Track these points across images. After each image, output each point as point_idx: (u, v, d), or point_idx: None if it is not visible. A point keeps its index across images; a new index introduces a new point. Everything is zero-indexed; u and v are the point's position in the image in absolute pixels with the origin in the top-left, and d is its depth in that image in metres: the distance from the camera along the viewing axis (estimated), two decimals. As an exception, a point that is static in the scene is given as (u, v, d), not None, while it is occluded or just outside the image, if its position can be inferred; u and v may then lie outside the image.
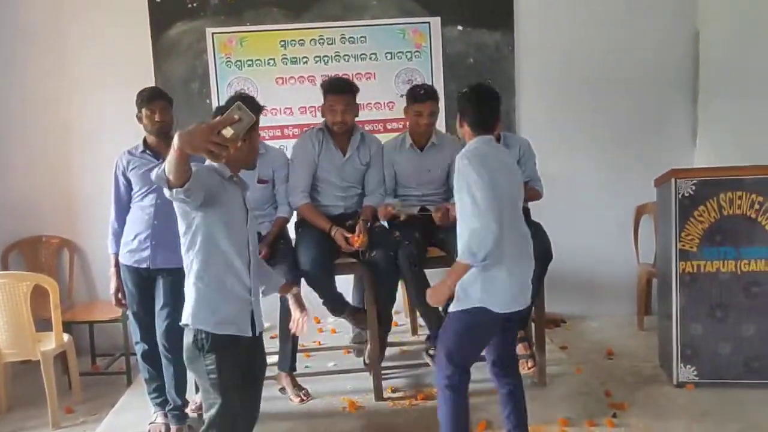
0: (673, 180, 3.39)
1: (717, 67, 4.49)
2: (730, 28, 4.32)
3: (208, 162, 2.22)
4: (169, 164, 1.93)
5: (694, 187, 3.38)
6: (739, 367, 3.42)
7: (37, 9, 4.42)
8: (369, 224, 3.35)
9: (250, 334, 2.30)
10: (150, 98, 3.08)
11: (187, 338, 2.25)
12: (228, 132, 1.84)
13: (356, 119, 3.52)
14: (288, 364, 3.39)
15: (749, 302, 3.38)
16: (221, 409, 2.23)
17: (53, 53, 4.46)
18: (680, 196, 3.39)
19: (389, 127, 4.58)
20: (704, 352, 3.45)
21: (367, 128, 3.98)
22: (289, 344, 3.35)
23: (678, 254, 3.42)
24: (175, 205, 2.16)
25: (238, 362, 2.28)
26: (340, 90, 3.36)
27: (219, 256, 2.22)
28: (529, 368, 3.51)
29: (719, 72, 4.47)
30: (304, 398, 3.37)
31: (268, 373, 3.27)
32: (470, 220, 2.40)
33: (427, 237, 3.40)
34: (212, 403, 2.25)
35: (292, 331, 2.52)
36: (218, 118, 1.89)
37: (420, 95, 3.39)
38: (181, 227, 2.23)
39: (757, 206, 3.32)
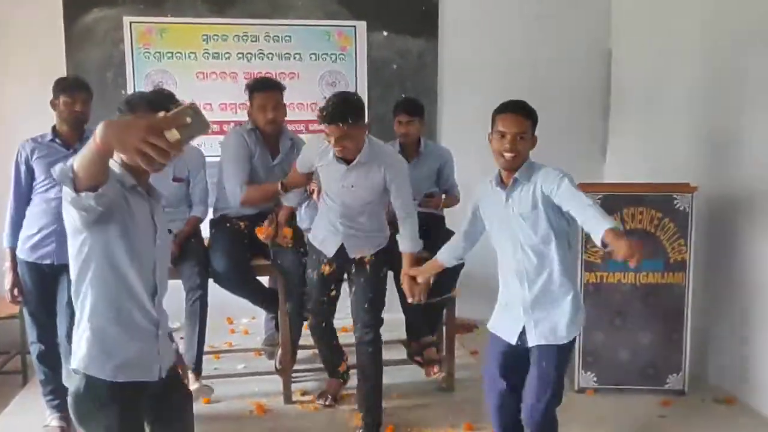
0: (581, 193, 3.52)
1: (627, 86, 4.71)
2: (640, 48, 4.54)
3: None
4: (83, 159, 1.51)
5: (599, 201, 3.52)
6: (636, 374, 3.59)
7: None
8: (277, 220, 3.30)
9: (156, 378, 1.86)
10: (73, 87, 3.01)
11: (76, 386, 1.78)
12: (173, 135, 1.44)
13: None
14: (192, 364, 3.28)
15: (646, 312, 3.56)
16: None
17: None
18: (587, 209, 3.52)
19: (311, 128, 4.55)
20: (604, 359, 3.61)
21: (289, 128, 3.94)
22: (195, 342, 3.27)
23: (583, 266, 3.56)
24: (68, 216, 1.68)
25: (142, 414, 1.88)
26: (269, 87, 3.30)
27: (118, 284, 1.77)
28: (434, 373, 3.55)
29: (629, 90, 4.68)
30: (207, 392, 3.29)
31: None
32: None
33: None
34: None
35: None
36: (163, 114, 1.49)
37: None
38: (71, 248, 1.76)
39: (656, 222, 3.50)
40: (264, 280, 3.64)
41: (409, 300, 2.80)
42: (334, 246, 3.06)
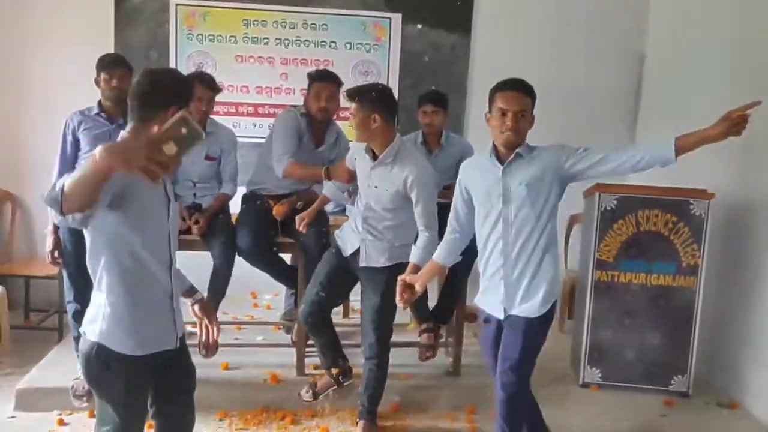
0: (597, 193, 3.60)
1: (657, 91, 4.74)
2: (675, 55, 4.55)
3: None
4: (78, 181, 1.52)
5: (616, 202, 3.60)
6: (641, 373, 3.66)
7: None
8: (301, 204, 3.48)
9: (173, 346, 1.99)
10: (110, 64, 3.19)
11: (88, 349, 1.88)
12: (171, 149, 1.49)
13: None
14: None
15: (655, 313, 3.62)
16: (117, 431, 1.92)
17: (14, 14, 4.45)
18: (603, 209, 3.61)
19: (342, 115, 4.68)
20: (610, 356, 3.68)
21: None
22: (215, 298, 3.44)
23: (595, 263, 3.64)
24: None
25: (148, 381, 1.97)
26: (327, 78, 3.47)
27: (133, 264, 1.84)
28: (426, 358, 3.62)
29: (659, 95, 4.71)
30: (208, 355, 3.28)
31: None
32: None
33: None
34: (107, 419, 1.92)
35: (203, 344, 2.25)
36: (157, 129, 1.51)
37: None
38: (86, 230, 1.82)
39: (670, 225, 3.56)
40: (287, 257, 3.80)
41: (397, 302, 2.66)
42: (351, 247, 3.06)
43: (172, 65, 4.57)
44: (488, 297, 2.55)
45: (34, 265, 4.32)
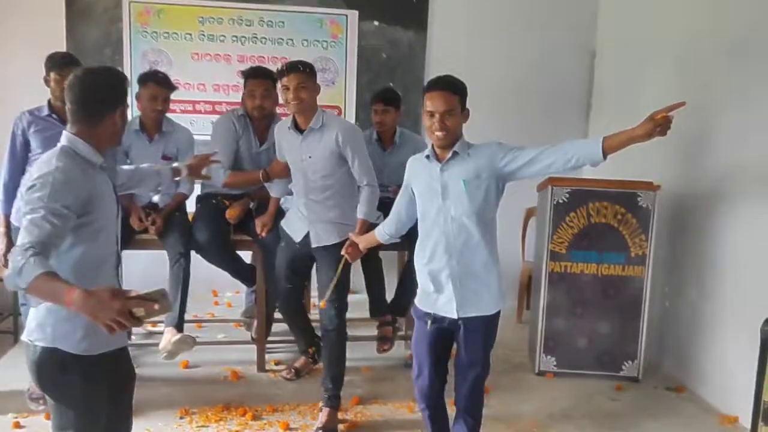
0: (550, 187, 3.71)
1: (608, 87, 4.88)
2: (622, 51, 4.69)
3: (67, 143, 1.84)
4: (45, 293, 1.62)
5: (567, 195, 3.71)
6: (593, 360, 3.79)
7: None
8: (253, 204, 3.53)
9: (125, 344, 2.06)
10: (62, 64, 3.11)
11: (39, 355, 1.85)
12: (139, 312, 1.61)
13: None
14: (174, 320, 3.43)
15: (606, 302, 3.74)
16: None
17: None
18: (555, 202, 3.71)
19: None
20: (564, 344, 3.80)
21: (278, 111, 4.11)
22: (178, 299, 3.42)
23: (549, 255, 3.75)
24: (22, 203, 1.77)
25: (106, 378, 1.93)
26: (260, 75, 3.49)
27: (88, 268, 1.84)
28: (384, 350, 3.73)
29: (609, 91, 4.85)
30: (188, 344, 3.36)
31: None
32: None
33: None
34: (66, 424, 1.90)
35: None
36: (134, 293, 1.61)
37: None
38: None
39: (619, 216, 3.68)
40: (247, 256, 3.82)
41: (343, 254, 2.82)
42: (301, 233, 3.19)
43: (126, 63, 4.54)
44: (433, 297, 2.52)
45: (-12, 267, 4.23)
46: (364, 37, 4.80)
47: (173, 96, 3.54)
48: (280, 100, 3.22)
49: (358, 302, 3.58)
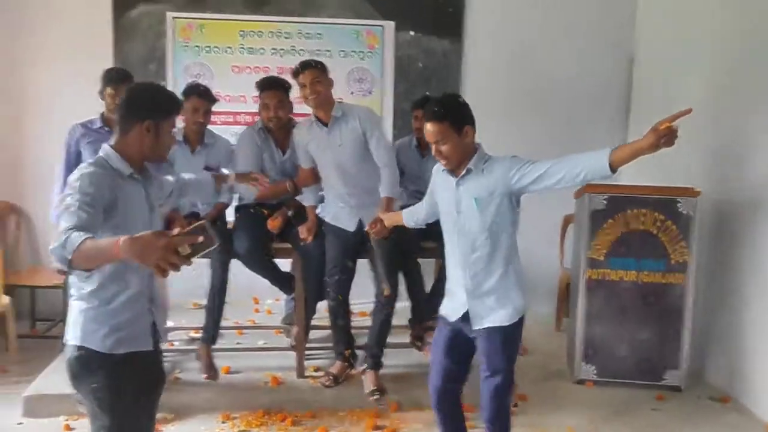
0: (586, 194, 3.69)
1: (647, 92, 4.82)
2: (662, 54, 4.63)
3: (102, 153, 1.98)
4: (91, 253, 1.63)
5: (605, 202, 3.68)
6: (632, 369, 3.74)
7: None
8: (291, 212, 3.60)
9: (150, 348, 2.07)
10: (118, 79, 3.26)
11: (69, 353, 1.97)
12: (184, 250, 1.60)
13: (309, 112, 3.67)
14: (208, 336, 3.58)
15: (646, 310, 3.70)
16: None
17: (14, 27, 4.56)
18: (592, 209, 3.69)
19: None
20: (603, 352, 3.77)
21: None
22: (212, 317, 3.55)
23: (587, 262, 3.73)
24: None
25: (132, 378, 2.01)
26: (272, 86, 3.55)
27: (115, 273, 1.93)
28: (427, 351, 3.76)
29: (648, 96, 4.79)
30: (210, 377, 3.50)
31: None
32: None
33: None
34: (100, 426, 1.98)
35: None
36: (178, 231, 1.64)
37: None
38: None
39: (658, 223, 3.64)
40: (287, 264, 3.89)
41: (368, 230, 2.98)
42: (353, 222, 3.41)
43: (169, 77, 4.68)
44: (451, 304, 2.58)
45: (39, 275, 4.41)
46: (400, 47, 4.86)
47: (214, 108, 3.64)
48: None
49: (396, 310, 3.61)
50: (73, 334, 1.96)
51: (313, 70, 3.24)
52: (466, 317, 2.51)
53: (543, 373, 3.99)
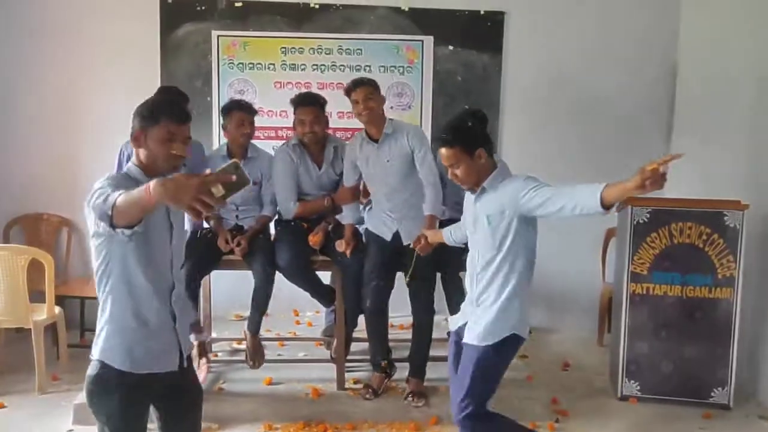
0: (629, 207, 3.64)
1: (691, 106, 4.73)
2: (706, 69, 4.55)
3: (124, 170, 2.00)
4: (127, 203, 1.64)
5: (648, 215, 3.63)
6: (679, 385, 3.66)
7: (53, 5, 4.70)
8: (333, 225, 3.66)
9: (176, 368, 2.02)
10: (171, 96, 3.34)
11: (92, 370, 1.93)
12: (218, 191, 1.60)
13: (350, 126, 3.76)
14: (254, 326, 3.66)
15: (691, 326, 3.62)
16: None
17: (68, 46, 4.73)
18: (635, 222, 3.64)
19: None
20: (647, 368, 3.69)
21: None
22: (258, 312, 3.66)
23: (629, 276, 3.67)
24: (89, 220, 1.83)
25: (151, 401, 2.00)
26: (307, 102, 3.62)
27: (136, 288, 1.91)
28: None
29: (693, 110, 4.71)
30: (255, 365, 3.62)
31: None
32: None
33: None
34: None
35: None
36: (209, 171, 1.64)
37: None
38: (93, 250, 1.93)
39: (704, 237, 3.57)
40: (327, 276, 3.94)
41: (413, 247, 3.09)
42: (390, 232, 3.52)
43: (214, 93, 4.81)
44: (456, 315, 2.71)
45: (88, 286, 4.54)
46: (439, 61, 4.89)
47: (257, 123, 3.73)
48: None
49: (437, 323, 3.62)
50: (95, 350, 1.94)
51: (366, 87, 3.38)
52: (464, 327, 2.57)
53: (585, 389, 3.93)
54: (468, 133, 2.47)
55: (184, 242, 2.13)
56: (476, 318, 2.51)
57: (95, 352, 1.94)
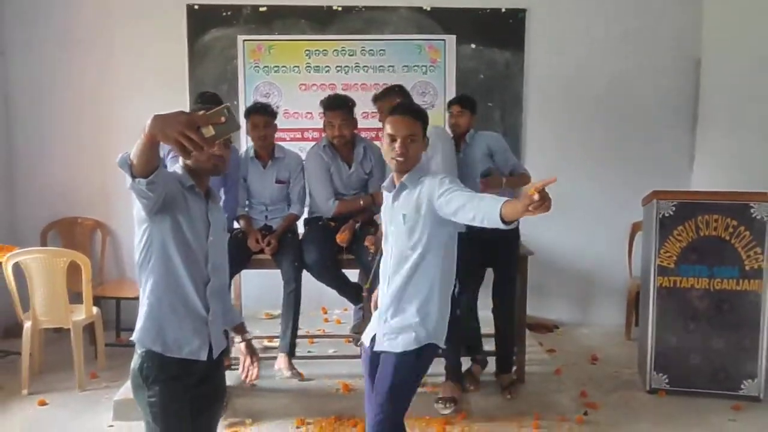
0: (655, 201, 3.65)
1: (716, 96, 4.72)
2: (731, 58, 4.54)
3: (172, 168, 2.11)
4: (136, 147, 1.75)
5: (674, 208, 3.64)
6: (707, 378, 3.67)
7: (86, 15, 4.83)
8: (359, 224, 3.72)
9: (204, 358, 2.07)
10: (212, 102, 3.43)
11: (134, 363, 2.05)
12: (208, 132, 1.67)
13: (374, 126, 3.78)
14: (287, 347, 3.70)
15: (720, 318, 3.62)
16: None
17: (99, 55, 4.87)
18: (661, 215, 3.65)
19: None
20: (676, 361, 3.70)
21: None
22: (290, 327, 3.68)
23: (656, 269, 3.68)
24: (135, 207, 1.96)
25: (188, 392, 2.06)
26: (336, 106, 3.67)
27: (172, 271, 2.01)
28: (473, 389, 3.66)
29: (718, 101, 4.69)
30: (296, 377, 3.65)
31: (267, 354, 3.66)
32: None
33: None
34: None
35: (242, 377, 2.33)
36: (202, 112, 1.69)
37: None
38: (136, 238, 2.03)
39: (731, 229, 3.57)
40: (355, 275, 4.01)
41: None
42: None
43: (240, 97, 4.90)
44: (369, 326, 2.50)
45: (123, 287, 4.68)
46: (462, 59, 4.93)
47: (283, 125, 3.80)
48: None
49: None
50: (136, 334, 2.04)
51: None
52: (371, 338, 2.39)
53: (614, 383, 3.96)
54: (426, 118, 2.38)
55: (223, 243, 2.19)
56: (398, 324, 2.32)
57: (135, 336, 2.04)
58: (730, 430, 3.37)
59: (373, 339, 2.38)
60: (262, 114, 3.71)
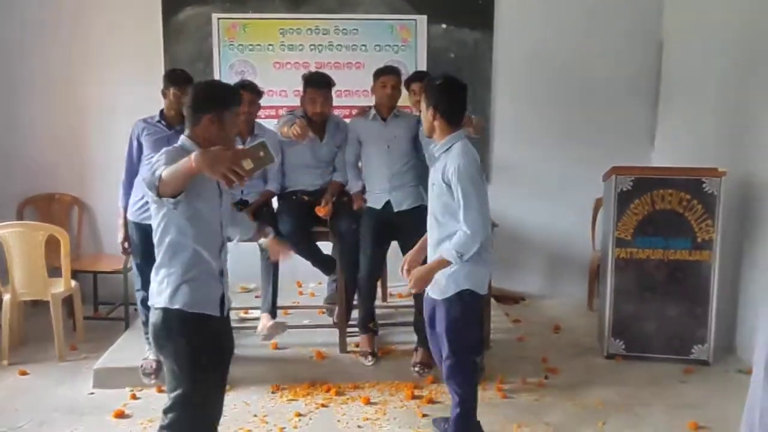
0: (614, 176, 3.84)
1: (677, 76, 4.91)
2: (692, 40, 4.71)
3: (180, 143, 2.25)
4: (174, 173, 1.97)
5: (632, 184, 3.83)
6: (661, 344, 3.89)
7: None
8: (335, 197, 3.84)
9: (218, 314, 2.31)
10: (182, 81, 3.50)
11: (155, 318, 2.25)
12: (248, 164, 1.97)
13: (346, 104, 3.93)
14: (269, 307, 3.87)
15: (673, 287, 3.84)
16: (188, 391, 2.23)
17: (73, 31, 4.89)
18: (619, 190, 3.84)
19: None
20: (632, 328, 3.92)
21: (354, 113, 4.43)
22: (270, 290, 3.87)
23: (615, 241, 3.88)
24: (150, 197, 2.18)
25: (208, 343, 2.27)
26: (322, 84, 3.79)
27: (191, 246, 2.21)
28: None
29: (679, 81, 4.88)
30: (280, 328, 3.83)
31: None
32: (466, 224, 2.59)
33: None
34: (178, 384, 2.24)
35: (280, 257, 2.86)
36: (242, 147, 2.02)
37: (387, 69, 3.89)
38: (153, 213, 2.24)
39: (684, 203, 3.77)
40: (328, 247, 4.14)
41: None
42: (381, 201, 3.76)
43: (215, 75, 4.96)
44: None
45: (100, 261, 4.77)
46: (433, 39, 5.04)
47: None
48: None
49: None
50: (159, 300, 2.24)
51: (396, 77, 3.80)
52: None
53: (574, 350, 4.16)
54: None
55: (230, 206, 2.45)
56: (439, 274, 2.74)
57: (159, 303, 2.23)
58: (680, 392, 3.58)
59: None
60: (249, 92, 3.80)
